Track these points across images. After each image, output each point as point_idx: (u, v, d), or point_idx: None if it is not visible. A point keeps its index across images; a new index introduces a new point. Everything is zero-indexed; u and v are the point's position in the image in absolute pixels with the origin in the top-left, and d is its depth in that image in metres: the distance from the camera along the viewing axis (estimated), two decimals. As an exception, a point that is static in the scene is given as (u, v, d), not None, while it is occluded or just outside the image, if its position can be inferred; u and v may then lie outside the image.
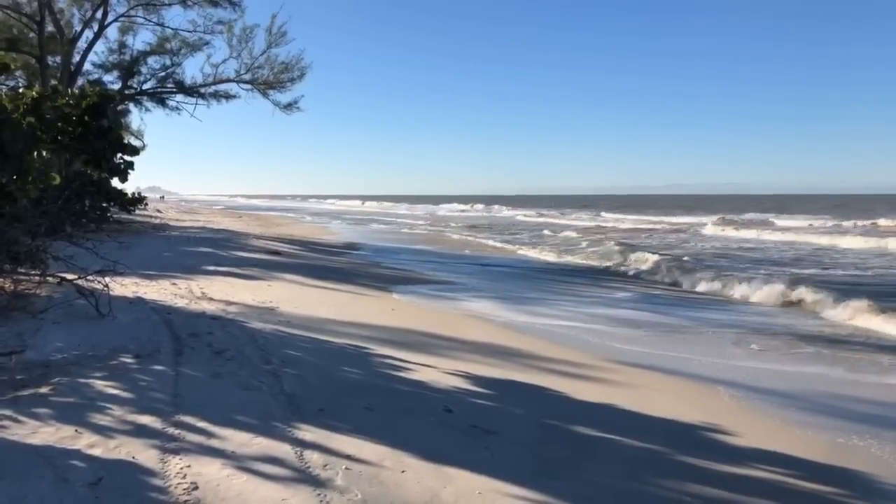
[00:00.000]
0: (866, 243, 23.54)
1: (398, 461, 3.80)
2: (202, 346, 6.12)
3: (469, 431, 4.38)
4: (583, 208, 68.35)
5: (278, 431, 4.09)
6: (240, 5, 26.02)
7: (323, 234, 28.21)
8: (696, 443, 4.57)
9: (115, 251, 11.40)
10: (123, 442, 3.82)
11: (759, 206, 71.45)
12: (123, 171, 20.73)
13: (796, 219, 42.50)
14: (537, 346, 7.30)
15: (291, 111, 27.82)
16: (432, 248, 21.74)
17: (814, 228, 33.12)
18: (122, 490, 3.26)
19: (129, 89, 27.28)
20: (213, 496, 3.25)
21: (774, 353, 7.52)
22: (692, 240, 27.43)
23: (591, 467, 4.00)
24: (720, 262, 18.05)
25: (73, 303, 7.28)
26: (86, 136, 17.64)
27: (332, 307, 8.86)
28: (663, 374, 6.47)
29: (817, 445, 4.68)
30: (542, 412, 4.96)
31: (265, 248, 18.06)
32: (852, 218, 40.81)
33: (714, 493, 3.76)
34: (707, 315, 10.04)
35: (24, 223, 8.72)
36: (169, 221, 28.78)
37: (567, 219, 46.87)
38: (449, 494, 3.46)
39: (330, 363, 5.89)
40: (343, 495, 3.35)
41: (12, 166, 8.77)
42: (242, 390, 4.88)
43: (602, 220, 44.42)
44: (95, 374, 5.07)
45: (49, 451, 3.64)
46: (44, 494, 3.17)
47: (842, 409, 5.59)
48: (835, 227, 34.50)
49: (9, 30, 24.27)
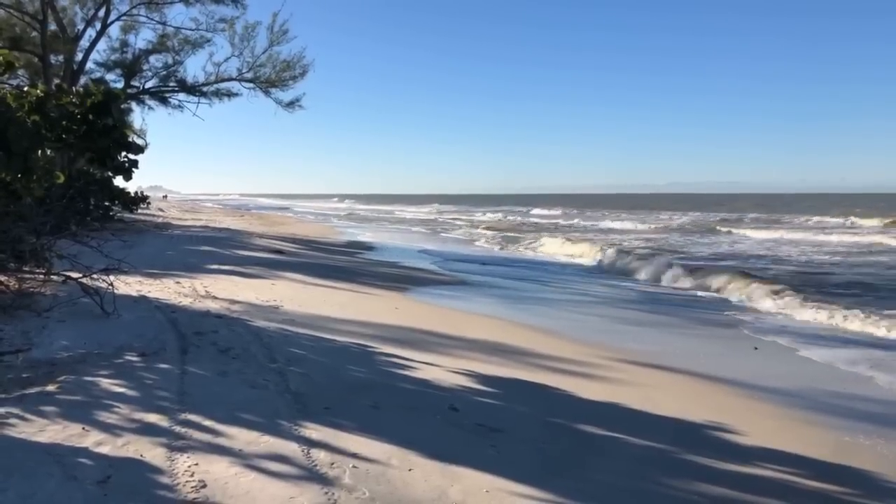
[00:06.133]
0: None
1: (405, 459, 3.80)
2: (207, 344, 6.12)
3: (475, 430, 4.39)
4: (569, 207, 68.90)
5: (285, 430, 4.10)
6: (242, 2, 26.00)
7: (324, 233, 28.23)
8: (703, 441, 4.57)
9: (118, 250, 11.40)
10: (131, 440, 3.82)
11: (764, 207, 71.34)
12: (128, 169, 20.77)
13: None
14: (541, 345, 7.30)
15: (293, 109, 27.78)
16: (435, 247, 21.76)
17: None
18: (130, 488, 3.26)
19: (131, 88, 27.26)
20: (222, 494, 3.26)
21: (773, 352, 7.52)
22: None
23: (597, 466, 4.00)
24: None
25: (77, 301, 7.28)
26: (90, 134, 17.64)
27: (335, 305, 8.87)
28: (668, 373, 6.48)
29: (824, 444, 4.68)
30: (548, 411, 4.96)
31: (268, 247, 18.07)
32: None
33: (720, 491, 3.76)
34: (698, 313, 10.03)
35: (29, 221, 8.72)
36: (171, 220, 28.81)
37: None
38: (456, 493, 3.46)
39: (335, 361, 5.89)
40: (351, 493, 3.35)
41: (17, 165, 8.77)
42: (249, 388, 4.89)
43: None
44: (101, 373, 5.07)
45: (57, 449, 3.64)
46: (52, 492, 3.17)
47: (848, 408, 5.59)
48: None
49: (11, 28, 24.27)
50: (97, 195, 20.54)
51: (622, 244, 22.52)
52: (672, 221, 41.34)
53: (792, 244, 24.21)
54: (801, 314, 9.81)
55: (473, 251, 21.57)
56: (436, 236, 28.99)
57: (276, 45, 26.75)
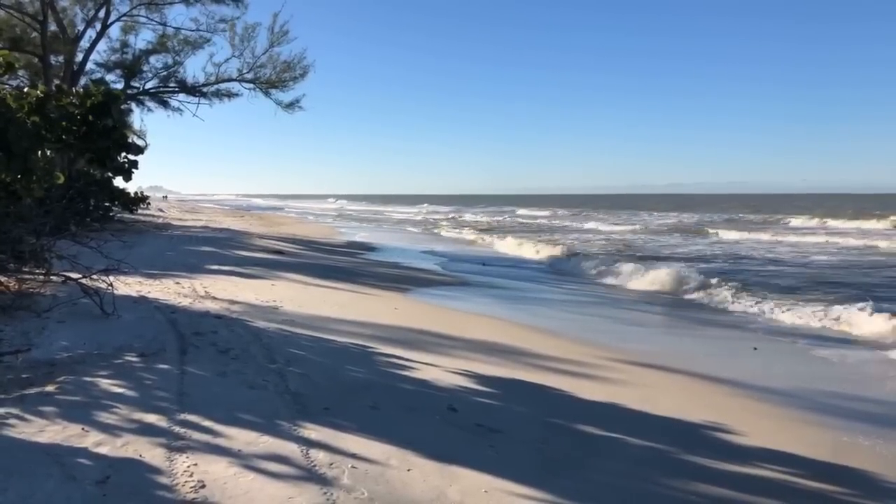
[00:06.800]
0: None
1: (404, 460, 3.80)
2: (207, 344, 6.13)
3: (474, 430, 4.39)
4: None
5: (284, 430, 4.10)
6: (242, 1, 26.02)
7: (325, 233, 28.23)
8: (701, 442, 4.57)
9: (118, 250, 11.41)
10: (130, 440, 3.83)
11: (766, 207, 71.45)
12: (127, 170, 20.76)
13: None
14: (540, 345, 7.30)
15: (293, 110, 27.78)
16: (437, 247, 21.77)
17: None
18: (129, 488, 3.27)
19: (131, 88, 27.27)
20: (221, 494, 3.26)
21: (771, 350, 7.53)
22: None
23: (596, 466, 4.00)
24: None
25: (77, 302, 7.29)
26: (90, 135, 17.62)
27: (335, 306, 8.87)
28: (667, 373, 6.48)
29: (822, 444, 4.68)
30: (547, 411, 4.97)
31: (268, 248, 18.08)
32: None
33: (719, 491, 3.76)
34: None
35: (29, 222, 8.74)
36: (171, 221, 28.80)
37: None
38: (455, 493, 3.47)
39: (334, 362, 5.89)
40: (350, 494, 3.35)
41: (17, 165, 8.77)
42: (248, 389, 4.89)
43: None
44: (101, 373, 5.08)
45: (56, 450, 3.65)
46: (52, 492, 3.18)
47: (846, 408, 5.59)
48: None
49: (12, 29, 24.30)
50: (97, 196, 20.53)
51: (576, 244, 23.13)
52: (656, 222, 41.67)
53: (755, 245, 24.45)
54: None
55: (435, 247, 21.95)
56: (404, 233, 30.52)
57: (277, 46, 26.79)
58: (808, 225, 37.19)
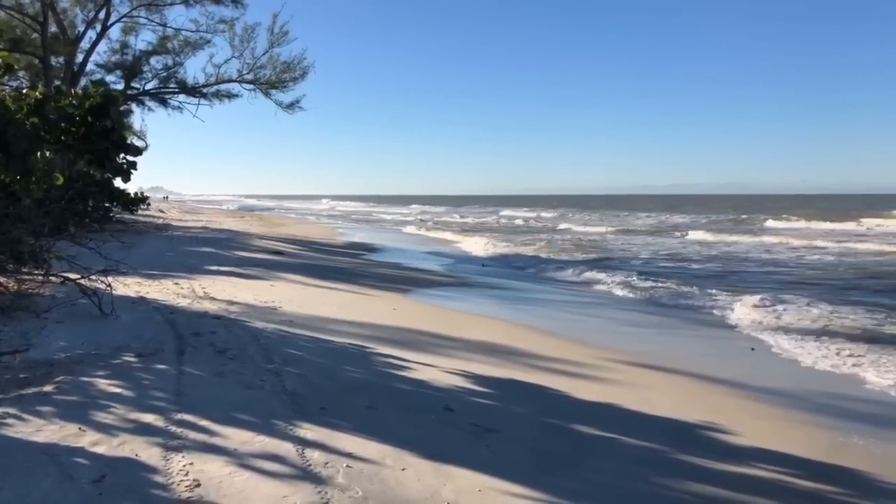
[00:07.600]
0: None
1: (399, 459, 3.82)
2: (205, 345, 6.14)
3: (470, 430, 4.41)
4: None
5: (280, 430, 4.12)
6: (242, 2, 26.04)
7: (325, 234, 28.25)
8: (697, 442, 4.58)
9: (117, 251, 11.44)
10: (126, 440, 3.84)
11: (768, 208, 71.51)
12: (126, 171, 20.76)
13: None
14: (537, 345, 7.32)
15: (293, 111, 27.81)
16: (439, 248, 21.81)
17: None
18: (125, 487, 3.28)
19: (131, 89, 27.31)
20: (216, 493, 3.28)
21: (768, 349, 7.54)
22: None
23: (591, 466, 4.02)
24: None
25: (76, 302, 7.31)
26: (89, 136, 17.65)
27: (333, 307, 8.88)
28: (663, 373, 6.49)
29: (818, 444, 4.70)
30: (543, 411, 4.98)
31: (267, 248, 18.10)
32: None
33: (714, 491, 3.77)
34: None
35: (28, 223, 8.76)
36: (171, 221, 28.82)
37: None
38: (449, 492, 3.48)
39: (332, 362, 5.91)
40: (344, 493, 3.37)
41: (16, 166, 8.80)
42: (245, 389, 4.91)
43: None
44: (99, 373, 5.10)
45: (53, 449, 3.67)
46: (48, 491, 3.20)
47: (841, 408, 5.60)
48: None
49: (12, 30, 24.33)
50: (96, 196, 20.54)
51: (536, 244, 24.00)
52: (635, 223, 41.90)
53: (714, 244, 24.78)
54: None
55: (398, 244, 23.41)
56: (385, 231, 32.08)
57: (277, 47, 26.81)
58: (781, 226, 37.21)
